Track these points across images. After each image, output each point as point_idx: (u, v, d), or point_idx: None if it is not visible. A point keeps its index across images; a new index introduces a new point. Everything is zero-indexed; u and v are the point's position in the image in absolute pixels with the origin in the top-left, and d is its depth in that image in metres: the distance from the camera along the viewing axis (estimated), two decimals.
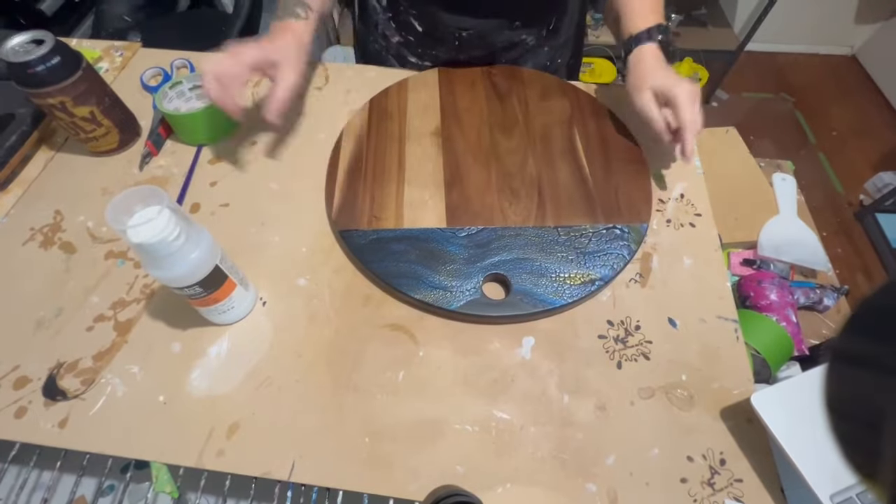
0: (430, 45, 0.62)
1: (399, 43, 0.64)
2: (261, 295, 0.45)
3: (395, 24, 0.62)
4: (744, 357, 0.42)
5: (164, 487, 0.38)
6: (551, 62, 0.67)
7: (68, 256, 0.47)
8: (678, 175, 0.54)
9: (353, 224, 0.47)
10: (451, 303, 0.42)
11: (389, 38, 0.64)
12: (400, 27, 0.62)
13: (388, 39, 0.64)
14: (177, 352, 0.42)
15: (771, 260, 0.72)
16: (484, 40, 0.60)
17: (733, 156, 0.83)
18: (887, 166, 1.66)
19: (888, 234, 1.49)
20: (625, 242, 0.46)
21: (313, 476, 0.36)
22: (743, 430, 0.38)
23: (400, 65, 0.66)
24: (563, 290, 0.43)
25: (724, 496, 0.36)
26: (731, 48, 1.77)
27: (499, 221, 0.47)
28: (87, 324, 0.43)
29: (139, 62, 0.64)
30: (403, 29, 0.62)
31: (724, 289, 0.46)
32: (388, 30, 0.63)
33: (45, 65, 0.44)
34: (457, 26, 0.59)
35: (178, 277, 0.34)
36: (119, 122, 0.53)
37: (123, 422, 0.38)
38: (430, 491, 0.35)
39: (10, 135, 0.51)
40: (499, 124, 0.55)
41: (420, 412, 0.39)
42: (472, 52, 0.61)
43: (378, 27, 0.64)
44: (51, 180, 0.52)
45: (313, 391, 0.40)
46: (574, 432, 0.38)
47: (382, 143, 0.53)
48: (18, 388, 0.40)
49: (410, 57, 0.64)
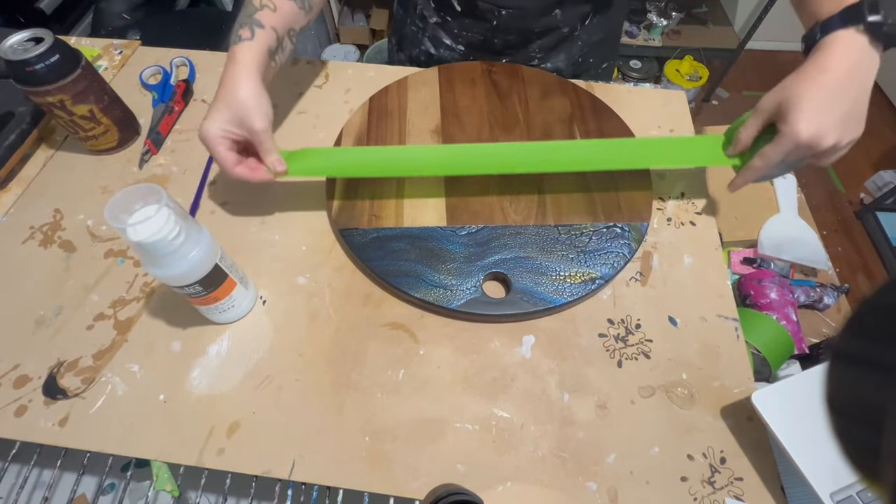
0: (466, 25, 0.62)
1: (436, 24, 0.63)
2: (261, 294, 0.45)
3: (434, 4, 0.62)
4: (744, 355, 0.42)
5: (165, 486, 0.38)
6: (583, 59, 0.66)
7: (68, 255, 0.47)
8: (679, 174, 0.54)
9: (354, 223, 0.47)
10: (451, 301, 0.42)
11: (427, 19, 0.64)
12: (439, 6, 0.62)
13: (425, 20, 0.64)
14: (177, 350, 0.42)
15: (771, 258, 0.71)
16: (521, 22, 0.60)
17: None
18: (888, 165, 1.66)
19: (889, 232, 1.49)
20: (625, 241, 0.46)
21: (314, 475, 0.36)
22: (743, 428, 0.38)
23: (434, 47, 0.66)
24: (564, 289, 0.43)
25: (725, 494, 0.36)
26: (732, 46, 1.77)
27: (499, 220, 0.47)
28: (87, 322, 0.43)
29: (138, 60, 0.63)
30: (442, 9, 0.62)
31: (724, 287, 0.46)
32: (426, 10, 0.63)
33: (44, 63, 0.44)
34: (496, 4, 0.58)
35: (177, 276, 0.34)
36: (118, 120, 0.53)
37: (124, 420, 0.38)
38: (430, 489, 0.35)
39: (9, 133, 0.51)
40: (499, 123, 0.55)
41: (420, 411, 0.39)
42: (507, 35, 0.61)
43: (417, 8, 0.64)
44: (50, 179, 0.52)
45: (313, 390, 0.40)
46: (574, 431, 0.38)
47: (382, 141, 0.53)
48: (19, 387, 0.40)
49: (445, 38, 0.64)
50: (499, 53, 0.63)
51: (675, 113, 0.59)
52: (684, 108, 0.60)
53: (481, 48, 0.62)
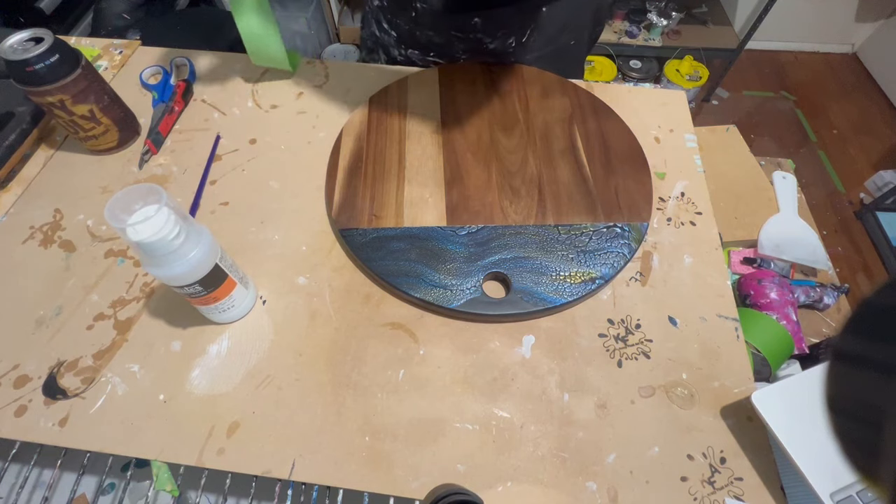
0: (394, 11, 0.62)
1: (378, 7, 0.64)
2: (261, 293, 0.45)
3: None
4: (744, 355, 0.42)
5: (165, 486, 0.38)
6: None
7: (68, 255, 0.47)
8: (679, 174, 0.54)
9: (354, 223, 0.47)
10: (451, 301, 0.42)
11: (372, 0, 0.64)
12: None
13: (371, 1, 0.65)
14: (177, 350, 0.42)
15: (771, 258, 0.72)
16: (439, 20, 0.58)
17: (734, 154, 0.83)
18: (888, 165, 1.66)
19: (889, 232, 1.49)
20: (625, 241, 0.46)
21: (314, 475, 0.36)
22: (743, 428, 0.38)
23: (378, 30, 0.66)
24: (564, 289, 0.43)
25: (725, 494, 0.36)
26: (732, 46, 1.77)
27: (499, 220, 0.47)
28: (87, 322, 0.43)
29: (138, 60, 0.63)
30: None
31: (724, 287, 0.46)
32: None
33: (44, 63, 0.44)
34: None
35: (177, 276, 0.34)
36: (118, 120, 0.53)
37: (124, 420, 0.38)
38: (430, 489, 0.35)
39: (9, 133, 0.51)
40: (499, 123, 0.55)
41: (420, 411, 0.39)
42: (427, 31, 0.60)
43: None
44: (50, 179, 0.52)
45: (313, 390, 0.40)
46: (574, 431, 0.38)
47: (382, 141, 0.53)
48: (18, 387, 0.40)
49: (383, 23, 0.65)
50: (424, 47, 0.63)
51: (675, 113, 0.59)
52: (684, 108, 0.60)
53: (408, 38, 0.62)
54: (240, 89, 0.60)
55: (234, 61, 0.63)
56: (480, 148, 0.53)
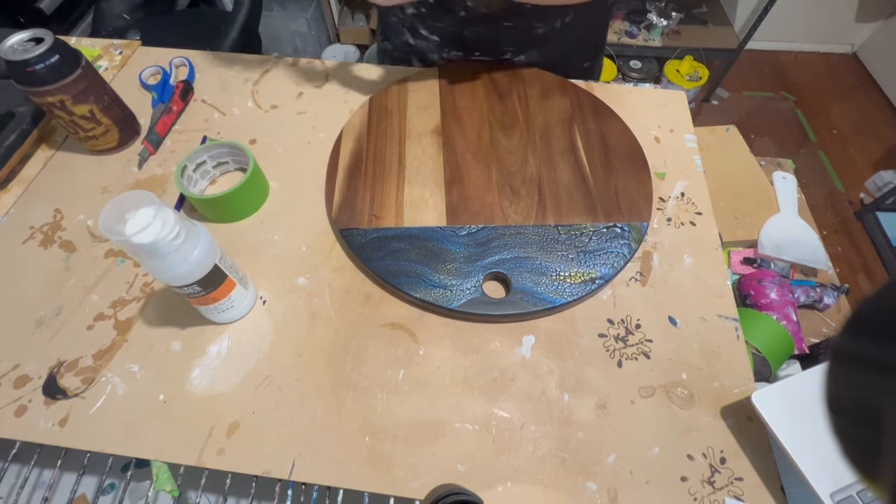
0: (438, 16, 0.62)
1: (413, 14, 0.64)
2: (261, 294, 0.45)
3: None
4: (744, 356, 0.42)
5: (165, 486, 0.38)
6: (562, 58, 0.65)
7: (68, 255, 0.47)
8: (679, 174, 0.54)
9: (354, 223, 0.47)
10: (451, 301, 0.42)
11: (405, 9, 0.64)
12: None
13: (404, 10, 0.65)
14: (177, 350, 0.42)
15: (771, 258, 0.71)
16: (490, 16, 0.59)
17: (734, 154, 0.83)
18: (888, 165, 1.66)
19: (889, 232, 1.49)
20: (625, 241, 0.46)
21: (314, 475, 0.36)
22: (743, 428, 0.38)
23: (412, 37, 0.66)
24: (564, 289, 0.43)
25: (725, 494, 0.36)
26: (732, 46, 1.77)
27: (499, 220, 0.47)
28: (87, 322, 0.43)
29: (138, 60, 0.64)
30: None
31: (724, 287, 0.46)
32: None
33: (44, 63, 0.44)
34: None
35: (177, 277, 0.34)
36: (118, 120, 0.53)
37: (124, 420, 0.38)
38: (430, 490, 0.35)
39: (9, 133, 0.51)
40: (499, 123, 0.55)
41: (420, 411, 0.39)
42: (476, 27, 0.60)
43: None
44: (50, 179, 0.52)
45: (313, 390, 0.40)
46: (574, 431, 0.38)
47: (382, 141, 0.53)
48: (19, 387, 0.40)
49: (421, 29, 0.65)
50: (471, 47, 0.63)
51: (675, 113, 0.59)
52: (684, 109, 0.60)
53: (453, 40, 0.62)
54: (240, 89, 0.61)
55: (234, 61, 0.63)
56: (480, 148, 0.53)
